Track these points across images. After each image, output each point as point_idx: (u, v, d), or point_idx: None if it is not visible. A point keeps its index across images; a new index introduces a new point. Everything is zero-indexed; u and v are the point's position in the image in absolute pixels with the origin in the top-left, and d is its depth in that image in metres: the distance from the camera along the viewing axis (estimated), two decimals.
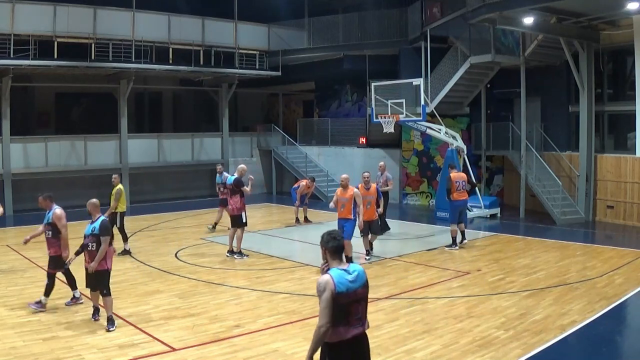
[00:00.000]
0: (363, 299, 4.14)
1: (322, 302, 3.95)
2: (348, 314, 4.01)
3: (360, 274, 4.15)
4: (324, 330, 3.94)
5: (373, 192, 11.34)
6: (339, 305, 3.96)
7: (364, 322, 4.17)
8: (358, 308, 4.09)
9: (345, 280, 4.04)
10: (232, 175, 11.92)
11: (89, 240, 7.52)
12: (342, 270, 4.10)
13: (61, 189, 19.85)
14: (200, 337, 7.15)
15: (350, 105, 24.07)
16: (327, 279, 4.01)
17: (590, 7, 14.48)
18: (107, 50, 18.68)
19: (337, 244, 4.17)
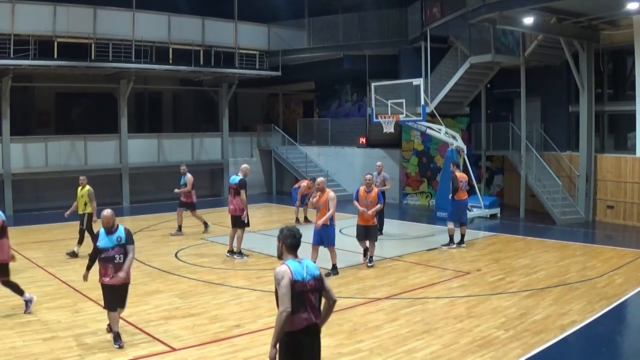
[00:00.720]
0: (316, 289, 4.50)
1: (282, 288, 4.32)
2: (303, 303, 4.37)
3: (311, 266, 4.55)
4: (285, 315, 4.27)
5: (374, 196, 10.86)
6: (296, 293, 4.33)
7: (317, 313, 4.50)
8: (312, 298, 4.45)
9: (300, 270, 4.45)
10: (236, 176, 11.83)
11: (114, 252, 6.84)
12: (297, 262, 4.50)
13: (61, 189, 19.89)
14: (200, 337, 7.15)
15: (350, 105, 24.07)
16: (285, 268, 4.42)
17: (590, 7, 14.47)
18: (107, 50, 18.68)
19: (295, 241, 4.58)
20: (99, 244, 6.88)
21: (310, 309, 4.43)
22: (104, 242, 6.86)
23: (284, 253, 4.59)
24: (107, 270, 6.83)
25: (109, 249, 6.86)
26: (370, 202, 10.78)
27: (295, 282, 4.36)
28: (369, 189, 10.92)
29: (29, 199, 18.82)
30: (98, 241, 6.90)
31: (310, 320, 4.42)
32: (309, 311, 4.42)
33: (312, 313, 4.44)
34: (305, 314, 4.39)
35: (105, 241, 6.88)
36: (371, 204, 10.78)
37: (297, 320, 4.35)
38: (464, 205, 13.02)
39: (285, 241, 4.57)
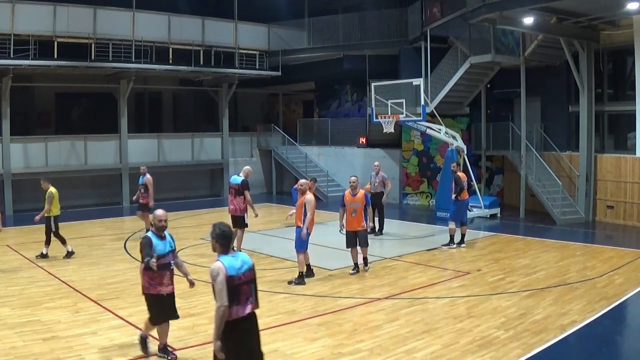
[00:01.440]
0: (251, 280, 4.86)
1: (218, 284, 4.60)
2: (239, 294, 4.68)
3: (245, 259, 4.87)
4: (222, 310, 4.57)
5: (360, 199, 10.19)
6: (231, 287, 4.61)
7: (254, 301, 4.87)
8: (247, 289, 4.79)
9: (234, 265, 4.72)
10: (237, 176, 11.79)
11: (170, 258, 6.33)
12: (231, 257, 4.77)
13: (61, 189, 19.84)
14: (200, 337, 7.15)
15: (350, 105, 24.08)
16: (219, 265, 4.66)
17: (590, 7, 14.47)
18: (107, 50, 18.69)
19: (225, 236, 4.84)
20: (156, 251, 6.17)
21: (247, 300, 4.77)
22: (161, 248, 6.23)
23: (218, 249, 4.80)
24: (163, 278, 6.25)
25: (166, 255, 6.27)
26: (357, 206, 10.15)
27: (231, 277, 4.64)
28: (354, 192, 10.22)
29: (29, 199, 18.75)
30: (153, 247, 6.18)
31: (248, 310, 4.78)
32: (246, 301, 4.75)
33: (249, 303, 4.79)
34: (242, 305, 4.72)
35: (161, 246, 6.25)
36: (359, 208, 10.15)
37: (236, 311, 4.66)
38: (466, 205, 13.06)
39: (217, 239, 4.79)
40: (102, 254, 12.07)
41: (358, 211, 10.16)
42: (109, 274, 10.33)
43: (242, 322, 4.73)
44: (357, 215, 10.16)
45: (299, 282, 9.63)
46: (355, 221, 10.17)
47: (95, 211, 18.89)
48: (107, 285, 9.54)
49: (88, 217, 17.36)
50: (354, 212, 10.14)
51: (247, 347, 4.80)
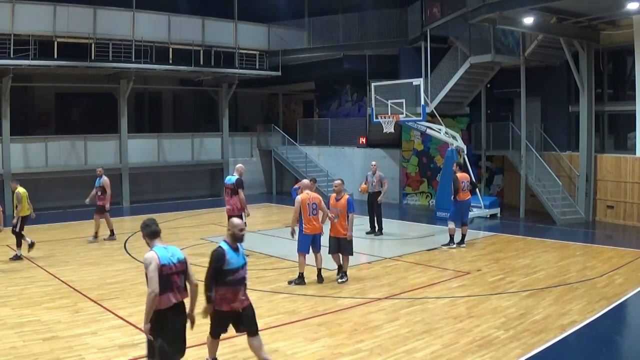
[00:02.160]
0: (182, 272, 5.12)
1: (150, 272, 4.90)
2: (169, 284, 4.96)
3: (176, 251, 5.16)
4: (153, 296, 4.87)
5: (343, 204, 9.60)
6: (163, 275, 4.91)
7: (182, 292, 5.13)
8: (177, 280, 5.06)
9: (166, 255, 5.04)
10: (232, 176, 11.85)
11: (245, 272, 5.79)
12: (163, 248, 5.08)
13: (61, 189, 19.91)
14: (200, 337, 7.13)
15: (350, 105, 24.07)
16: (153, 254, 5.00)
17: (590, 7, 14.47)
18: (107, 50, 18.68)
19: (152, 230, 5.15)
20: (230, 265, 5.60)
21: (177, 289, 5.05)
22: (235, 261, 5.66)
23: (149, 242, 5.15)
24: (237, 294, 5.68)
25: (240, 269, 5.69)
26: (339, 211, 9.60)
27: (163, 266, 4.95)
28: (338, 196, 9.72)
29: (29, 199, 18.79)
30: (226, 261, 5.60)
31: (176, 299, 5.06)
32: (175, 291, 5.04)
33: (178, 293, 5.07)
34: (172, 294, 5.01)
35: (235, 259, 5.68)
36: (341, 213, 9.58)
37: (165, 300, 4.95)
38: (466, 205, 13.03)
39: (146, 232, 5.16)
40: (102, 254, 12.07)
41: (340, 217, 9.59)
42: (109, 274, 10.32)
43: (171, 310, 5.03)
44: (340, 221, 9.59)
45: (299, 283, 9.60)
46: (338, 227, 9.59)
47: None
48: (107, 285, 9.54)
49: (88, 217, 17.31)
50: (336, 218, 9.62)
51: (174, 333, 5.08)
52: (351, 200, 9.67)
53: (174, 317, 5.07)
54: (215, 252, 5.63)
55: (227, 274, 5.59)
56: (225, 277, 5.58)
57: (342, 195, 9.73)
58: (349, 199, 9.66)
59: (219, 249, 5.67)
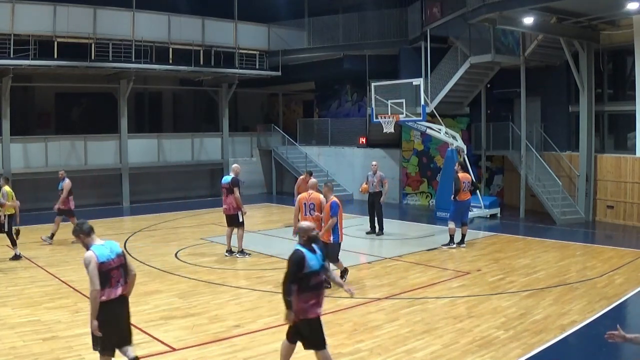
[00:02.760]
0: (120, 266, 5.36)
1: (91, 271, 5.15)
2: (111, 278, 5.24)
3: (114, 247, 5.40)
4: (95, 293, 5.14)
5: (327, 208, 9.16)
6: (103, 272, 5.17)
7: (124, 284, 5.40)
8: (118, 274, 5.32)
9: (104, 253, 5.26)
10: (227, 175, 11.92)
11: (323, 274, 5.53)
12: (100, 246, 5.32)
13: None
14: (200, 337, 7.15)
15: (350, 105, 24.07)
16: (91, 253, 5.22)
17: (590, 7, 14.47)
18: (107, 50, 18.68)
19: (86, 226, 5.39)
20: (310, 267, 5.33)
21: (117, 283, 5.33)
22: (314, 263, 5.39)
23: (88, 240, 5.35)
24: (319, 299, 5.41)
25: (320, 272, 5.42)
26: (323, 215, 9.25)
27: (102, 264, 5.19)
28: (326, 199, 9.35)
29: (29, 199, 18.76)
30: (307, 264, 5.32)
31: (119, 292, 5.34)
32: (117, 284, 5.31)
33: (119, 285, 5.35)
34: (114, 287, 5.29)
35: (314, 261, 5.40)
36: (325, 217, 9.19)
37: (108, 293, 5.23)
38: (467, 205, 13.04)
39: (83, 231, 5.36)
40: None
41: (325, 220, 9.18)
42: None
43: (113, 303, 5.28)
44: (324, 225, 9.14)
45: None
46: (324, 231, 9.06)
47: (95, 211, 18.87)
48: None
49: (88, 217, 17.26)
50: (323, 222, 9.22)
51: (117, 324, 5.37)
52: (335, 205, 9.10)
53: (117, 308, 5.36)
54: (295, 256, 5.38)
55: (310, 277, 5.32)
56: (309, 281, 5.31)
57: (329, 199, 9.25)
58: (333, 202, 9.12)
59: (297, 252, 5.40)
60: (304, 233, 5.52)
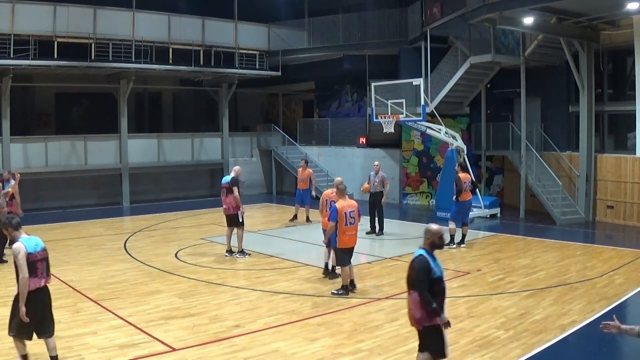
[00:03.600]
0: (44, 259, 5.95)
1: (20, 260, 5.72)
2: (36, 270, 5.81)
3: (38, 241, 5.96)
4: (25, 280, 5.74)
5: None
6: (30, 262, 5.74)
7: (46, 276, 5.96)
8: (42, 266, 5.88)
9: (30, 244, 5.85)
10: (227, 175, 11.96)
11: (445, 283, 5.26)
12: (27, 238, 5.90)
13: (61, 189, 19.92)
14: (200, 337, 7.15)
15: (350, 105, 24.06)
16: (20, 244, 5.80)
17: (590, 7, 14.47)
18: (107, 50, 18.67)
19: (15, 220, 6.00)
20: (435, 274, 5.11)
21: (41, 274, 5.88)
22: (437, 270, 5.17)
23: (15, 234, 5.92)
24: (442, 304, 5.15)
25: (442, 277, 5.24)
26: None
27: (29, 254, 5.77)
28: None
29: (29, 199, 18.81)
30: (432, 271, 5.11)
31: (42, 283, 5.90)
32: (40, 276, 5.87)
33: (42, 277, 5.90)
34: (37, 279, 5.84)
35: (437, 268, 5.18)
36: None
37: (34, 283, 5.81)
38: (468, 206, 13.03)
39: (12, 225, 5.93)
40: (102, 254, 12.07)
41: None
42: (109, 274, 10.32)
43: (38, 292, 5.86)
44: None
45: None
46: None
47: (95, 211, 18.89)
48: (107, 285, 9.53)
49: (88, 217, 17.36)
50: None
51: (39, 313, 5.90)
52: (334, 209, 8.87)
53: (40, 298, 5.90)
54: (420, 263, 5.11)
55: (434, 283, 5.06)
56: (432, 288, 5.05)
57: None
58: (332, 207, 9.01)
59: (422, 258, 5.14)
60: (431, 236, 5.26)
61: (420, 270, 5.07)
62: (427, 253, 5.18)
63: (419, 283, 5.04)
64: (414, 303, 5.10)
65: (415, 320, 5.16)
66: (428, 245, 5.26)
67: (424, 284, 5.01)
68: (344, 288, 9.00)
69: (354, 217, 8.82)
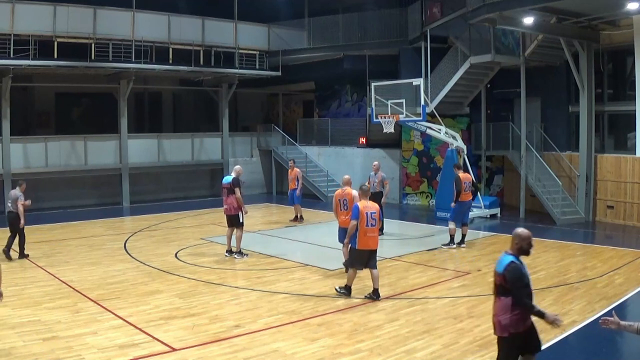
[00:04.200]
0: None
1: None
2: None
3: None
4: None
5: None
6: None
7: None
8: None
9: None
10: (228, 176, 11.93)
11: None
12: None
13: (61, 189, 19.91)
14: (200, 337, 7.15)
15: (350, 105, 24.07)
16: None
17: (590, 7, 14.47)
18: (107, 50, 18.68)
19: None
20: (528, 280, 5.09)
21: None
22: (529, 275, 5.27)
23: None
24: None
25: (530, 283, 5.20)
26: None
27: None
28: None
29: (29, 199, 18.85)
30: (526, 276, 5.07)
31: None
32: None
33: None
34: None
35: (528, 273, 5.26)
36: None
37: None
38: (468, 206, 13.03)
39: None
40: (102, 254, 12.07)
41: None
42: (109, 274, 10.32)
43: None
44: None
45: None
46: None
47: (95, 211, 18.90)
48: (107, 285, 9.54)
49: (88, 217, 17.36)
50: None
51: None
52: (356, 208, 8.68)
53: None
54: (515, 270, 4.98)
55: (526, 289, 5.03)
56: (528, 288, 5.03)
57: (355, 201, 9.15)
58: (355, 205, 8.82)
59: (515, 265, 5.00)
60: (520, 241, 5.14)
61: (515, 277, 4.96)
62: (517, 259, 5.08)
63: (516, 290, 4.93)
64: (502, 309, 5.00)
65: (501, 327, 5.04)
66: (516, 250, 5.15)
67: (522, 291, 4.93)
68: (347, 288, 8.94)
69: (375, 219, 8.72)
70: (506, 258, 5.07)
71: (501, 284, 5.02)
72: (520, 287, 4.93)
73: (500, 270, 5.02)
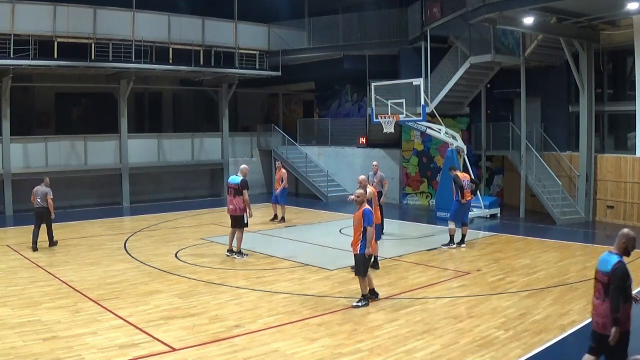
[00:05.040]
0: None
1: None
2: None
3: None
4: None
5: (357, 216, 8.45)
6: None
7: None
8: None
9: None
10: (236, 176, 11.84)
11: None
12: None
13: (61, 189, 19.87)
14: (200, 337, 7.15)
15: (350, 105, 24.07)
16: None
17: (590, 7, 14.48)
18: (107, 50, 18.68)
19: None
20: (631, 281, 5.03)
21: None
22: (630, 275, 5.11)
23: None
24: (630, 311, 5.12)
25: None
26: (354, 224, 8.47)
27: None
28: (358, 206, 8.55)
29: (29, 199, 18.84)
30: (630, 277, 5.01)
31: None
32: None
33: None
34: None
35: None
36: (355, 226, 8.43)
37: None
38: (467, 206, 13.03)
39: None
40: (102, 254, 12.07)
41: (354, 229, 8.48)
42: (109, 274, 10.32)
43: None
44: (354, 234, 8.46)
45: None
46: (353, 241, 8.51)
47: (95, 211, 18.90)
48: (107, 285, 9.53)
49: (88, 217, 17.37)
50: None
51: None
52: (368, 212, 8.33)
53: None
54: (622, 269, 4.98)
55: (628, 289, 5.02)
56: (626, 292, 5.01)
57: (361, 205, 8.46)
58: (366, 210, 8.32)
59: (622, 265, 5.00)
60: (627, 241, 5.11)
61: (621, 277, 4.97)
62: (620, 257, 5.07)
63: (616, 289, 4.95)
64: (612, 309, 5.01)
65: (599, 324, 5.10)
66: (622, 250, 5.13)
67: (620, 291, 4.94)
68: (365, 298, 8.48)
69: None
70: (613, 257, 5.09)
71: (608, 283, 5.06)
72: (619, 287, 4.96)
73: (609, 269, 5.03)
